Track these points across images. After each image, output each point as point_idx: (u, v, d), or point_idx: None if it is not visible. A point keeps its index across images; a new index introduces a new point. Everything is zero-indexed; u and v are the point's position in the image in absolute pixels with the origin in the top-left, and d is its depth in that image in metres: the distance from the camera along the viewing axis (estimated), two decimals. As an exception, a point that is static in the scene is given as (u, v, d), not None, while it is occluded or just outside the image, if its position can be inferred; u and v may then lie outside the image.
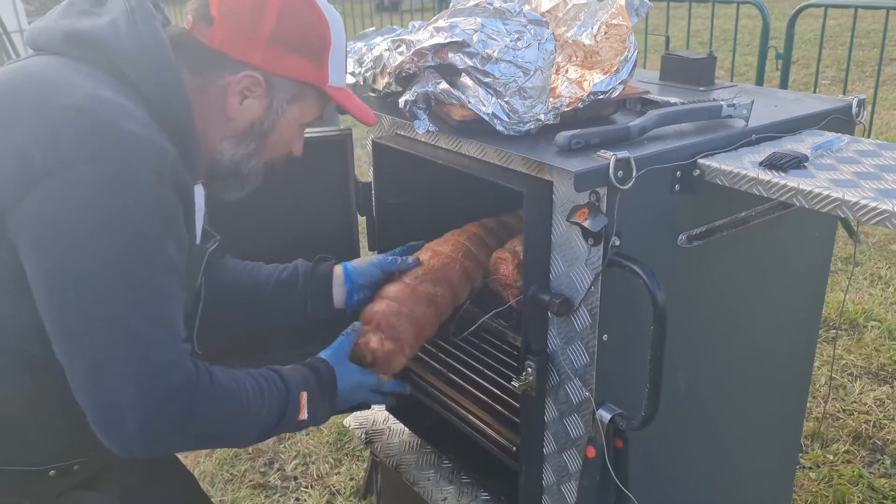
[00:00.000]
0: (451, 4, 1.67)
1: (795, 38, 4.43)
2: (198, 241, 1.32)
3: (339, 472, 2.69)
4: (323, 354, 1.45)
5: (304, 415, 1.31)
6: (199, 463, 2.76)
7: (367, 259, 1.70)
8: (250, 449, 2.81)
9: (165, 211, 1.09)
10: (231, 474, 2.71)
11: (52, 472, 1.23)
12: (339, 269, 1.66)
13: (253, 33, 1.23)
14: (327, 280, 1.64)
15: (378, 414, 2.14)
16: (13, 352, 1.12)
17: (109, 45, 1.14)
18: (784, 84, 4.46)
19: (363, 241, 1.90)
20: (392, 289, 1.62)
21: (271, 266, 1.66)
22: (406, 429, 2.06)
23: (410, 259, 1.66)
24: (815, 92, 4.76)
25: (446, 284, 1.64)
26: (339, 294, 1.65)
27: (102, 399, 1.04)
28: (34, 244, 1.03)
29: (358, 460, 2.74)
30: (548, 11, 1.71)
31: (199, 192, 1.32)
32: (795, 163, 1.32)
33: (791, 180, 1.26)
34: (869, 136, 1.66)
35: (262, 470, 2.74)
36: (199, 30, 1.25)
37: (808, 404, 2.09)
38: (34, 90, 1.09)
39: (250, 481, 2.67)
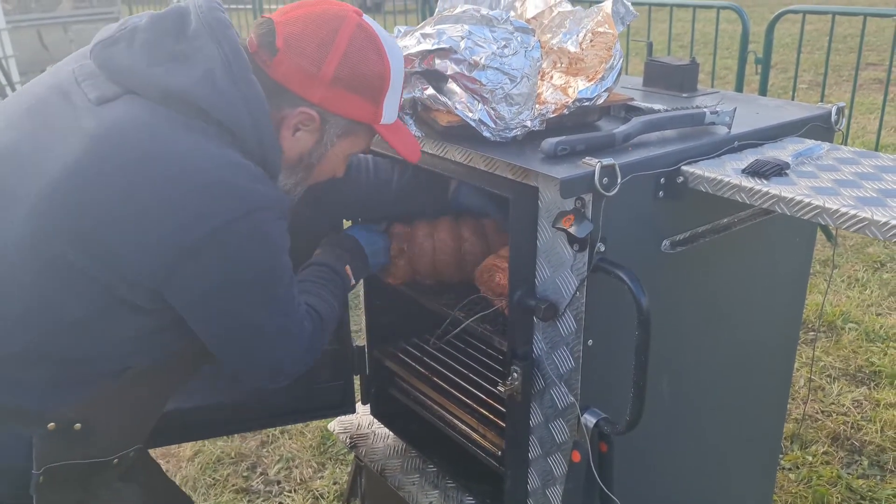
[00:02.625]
0: (437, 11, 1.68)
1: (774, 43, 4.49)
2: None
3: (322, 477, 2.68)
4: (350, 231, 1.72)
5: (352, 280, 1.58)
6: (182, 468, 2.74)
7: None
8: (233, 453, 2.79)
9: (286, 243, 1.27)
10: (214, 479, 2.69)
11: (115, 461, 1.31)
12: None
13: (317, 71, 1.24)
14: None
15: (363, 418, 2.14)
16: (113, 364, 1.26)
17: (211, 103, 1.17)
18: (763, 88, 4.52)
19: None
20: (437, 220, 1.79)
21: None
22: (391, 433, 2.06)
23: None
24: (793, 95, 4.83)
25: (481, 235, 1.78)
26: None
27: (268, 361, 1.31)
28: (193, 308, 1.22)
29: (342, 464, 2.73)
30: (533, 18, 1.72)
31: None
32: (777, 170, 1.34)
33: (773, 188, 1.28)
34: (846, 140, 1.68)
35: (245, 474, 2.72)
36: (262, 57, 1.25)
37: (787, 406, 2.11)
38: (162, 161, 1.13)
39: (233, 486, 2.65)
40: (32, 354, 1.19)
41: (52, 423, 1.21)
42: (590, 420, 1.40)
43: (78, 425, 1.23)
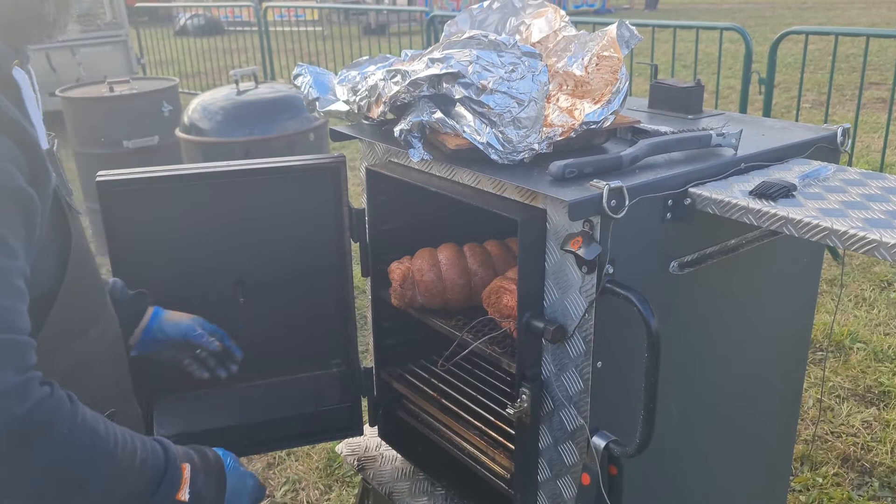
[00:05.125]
0: (444, 35, 1.70)
1: (777, 63, 4.51)
2: (44, 145, 1.13)
3: (329, 499, 2.67)
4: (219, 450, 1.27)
5: (184, 493, 1.07)
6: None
7: (182, 318, 1.62)
8: (239, 475, 2.78)
9: None
10: (220, 501, 2.68)
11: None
12: (150, 311, 1.59)
13: None
14: (140, 315, 1.56)
15: (370, 440, 2.13)
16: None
17: None
18: (767, 108, 4.54)
19: (356, 268, 1.90)
20: (444, 253, 1.78)
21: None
22: (399, 455, 2.05)
23: (215, 342, 1.62)
24: (797, 115, 4.84)
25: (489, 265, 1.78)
26: (136, 333, 1.56)
27: None
28: None
29: (349, 486, 2.72)
30: (538, 42, 1.74)
31: (22, 77, 1.13)
32: (784, 192, 1.34)
33: (781, 209, 1.28)
34: (851, 160, 1.69)
35: (252, 497, 2.71)
36: None
37: (797, 427, 2.10)
38: None
39: (239, 508, 2.64)
40: None
41: None
42: (599, 442, 1.40)
43: None
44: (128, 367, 1.44)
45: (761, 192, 1.34)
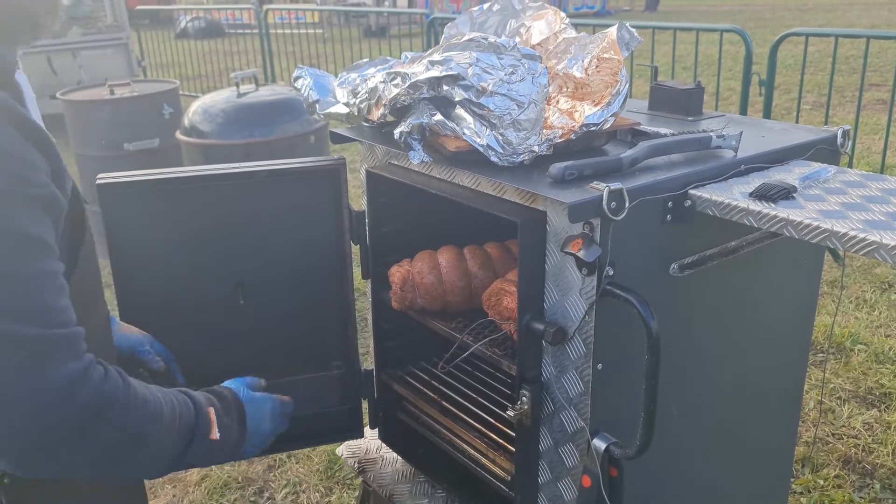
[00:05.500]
0: (444, 38, 1.70)
1: (777, 64, 4.51)
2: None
3: (329, 502, 2.67)
4: (230, 383, 1.38)
5: (215, 433, 1.19)
6: (189, 493, 2.72)
7: (134, 332, 1.58)
8: (240, 478, 2.78)
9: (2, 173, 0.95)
10: (220, 503, 2.68)
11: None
12: None
13: None
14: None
15: (371, 443, 2.13)
16: None
17: None
18: (767, 109, 4.54)
19: (356, 271, 1.90)
20: (444, 256, 1.78)
21: None
22: (399, 458, 2.05)
23: (160, 363, 1.57)
24: (797, 116, 4.84)
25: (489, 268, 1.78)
26: None
27: None
28: None
29: (349, 489, 2.72)
30: (538, 44, 1.74)
31: (23, 80, 1.18)
32: (784, 194, 1.34)
33: (781, 211, 1.28)
34: (851, 162, 1.69)
35: (253, 499, 2.71)
36: None
37: (798, 429, 2.10)
38: None
39: (240, 511, 2.64)
40: None
41: None
42: (600, 444, 1.39)
43: None
44: (117, 361, 1.43)
45: (761, 194, 1.34)
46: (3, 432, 0.94)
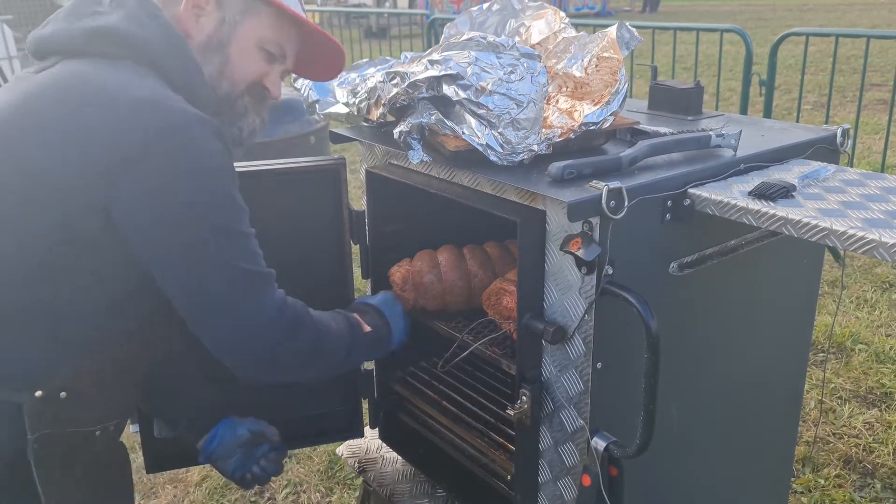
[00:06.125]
0: (443, 37, 1.70)
1: (777, 64, 4.51)
2: None
3: (330, 502, 2.67)
4: (370, 300, 1.69)
5: (367, 327, 1.53)
6: (190, 493, 2.72)
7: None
8: (241, 478, 2.78)
9: (228, 166, 1.27)
10: (221, 503, 2.68)
11: (97, 433, 1.34)
12: None
13: None
14: None
15: (371, 442, 2.13)
16: (87, 326, 1.28)
17: (133, 34, 1.28)
18: (768, 109, 4.54)
19: (356, 270, 1.90)
20: (444, 255, 1.81)
21: None
22: (399, 457, 2.05)
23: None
24: (797, 116, 4.84)
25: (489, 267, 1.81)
26: None
27: (227, 324, 1.27)
28: (137, 223, 1.21)
29: (349, 489, 2.72)
30: (537, 44, 1.74)
31: None
32: (783, 192, 1.34)
33: (780, 210, 1.28)
34: (852, 162, 1.69)
35: (253, 499, 2.71)
36: None
37: (798, 428, 2.10)
38: (96, 89, 1.22)
39: (241, 511, 2.64)
40: (10, 311, 1.23)
41: (39, 391, 1.24)
42: (599, 443, 1.39)
43: (63, 394, 1.26)
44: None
45: (760, 193, 1.35)
46: (254, 339, 1.29)
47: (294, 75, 1.86)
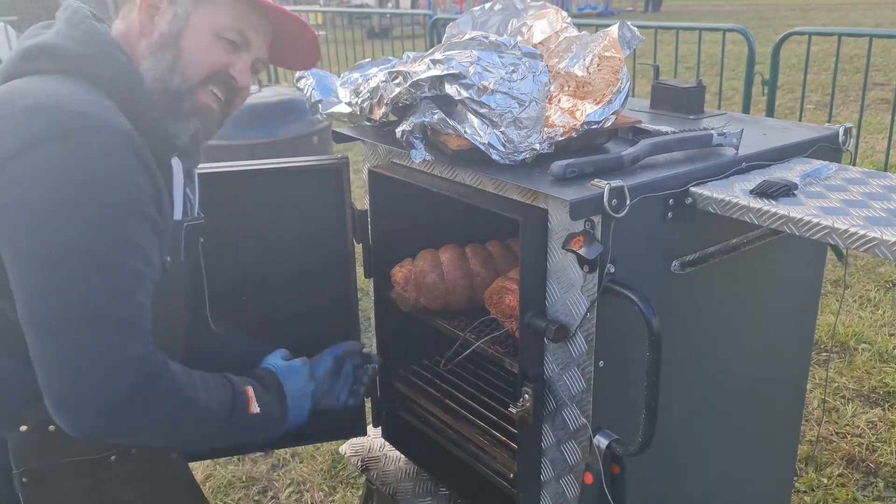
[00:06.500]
0: (445, 37, 1.71)
1: (780, 64, 4.51)
2: (177, 216, 1.34)
3: (333, 500, 2.67)
4: (268, 362, 1.52)
5: (254, 407, 1.34)
6: (193, 492, 2.73)
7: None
8: (244, 477, 2.79)
9: (125, 184, 1.14)
10: (224, 503, 2.69)
11: (112, 458, 1.30)
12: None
13: None
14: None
15: (374, 441, 2.14)
16: None
17: (62, 47, 1.23)
18: (770, 109, 4.54)
19: (359, 269, 1.91)
20: (446, 254, 1.79)
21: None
22: (402, 456, 2.06)
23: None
24: (800, 116, 4.84)
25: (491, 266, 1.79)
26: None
27: (59, 373, 1.08)
28: (3, 230, 1.11)
29: (353, 488, 2.72)
30: (539, 43, 1.74)
31: (177, 165, 1.35)
32: (785, 191, 1.35)
33: (781, 208, 1.28)
34: (854, 161, 1.70)
35: (257, 498, 2.71)
36: None
37: (801, 427, 2.10)
38: (6, 99, 1.16)
39: (244, 510, 2.65)
40: None
41: (24, 426, 1.22)
42: (602, 441, 1.40)
43: (52, 427, 1.21)
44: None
45: (762, 191, 1.35)
46: (95, 390, 1.08)
47: (297, 76, 1.86)
